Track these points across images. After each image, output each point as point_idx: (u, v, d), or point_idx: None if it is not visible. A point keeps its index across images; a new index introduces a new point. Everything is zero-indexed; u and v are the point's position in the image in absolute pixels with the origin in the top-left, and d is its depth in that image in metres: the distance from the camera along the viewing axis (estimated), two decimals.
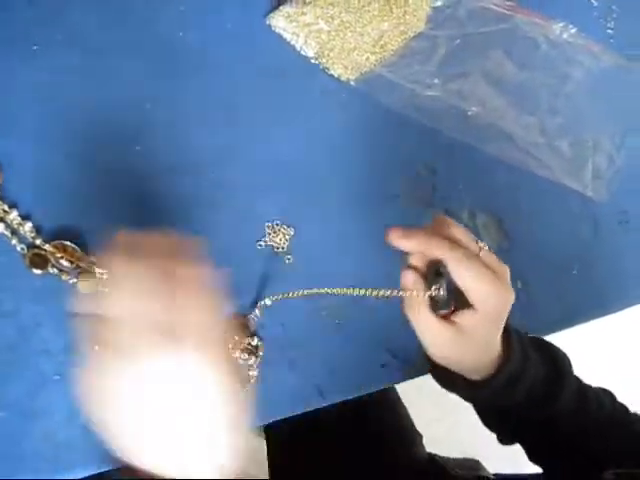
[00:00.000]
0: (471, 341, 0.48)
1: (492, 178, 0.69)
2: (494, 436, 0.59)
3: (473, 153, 0.68)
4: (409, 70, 0.66)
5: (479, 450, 0.77)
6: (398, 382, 0.62)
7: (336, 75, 0.65)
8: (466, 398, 0.55)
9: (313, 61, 0.65)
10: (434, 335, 0.48)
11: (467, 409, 0.59)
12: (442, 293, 0.46)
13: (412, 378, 0.61)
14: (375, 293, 0.48)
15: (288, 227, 0.60)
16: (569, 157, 0.68)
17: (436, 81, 0.66)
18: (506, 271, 0.48)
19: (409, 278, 0.47)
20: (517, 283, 0.66)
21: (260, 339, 0.58)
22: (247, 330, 0.58)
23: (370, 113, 0.66)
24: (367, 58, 0.65)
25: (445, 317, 0.48)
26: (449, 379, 0.54)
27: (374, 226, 0.63)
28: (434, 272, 0.47)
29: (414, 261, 0.48)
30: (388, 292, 0.47)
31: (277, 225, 0.60)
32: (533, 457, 0.60)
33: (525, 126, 0.68)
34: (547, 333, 0.66)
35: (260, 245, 0.60)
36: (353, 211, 0.64)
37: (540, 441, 0.56)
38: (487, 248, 0.47)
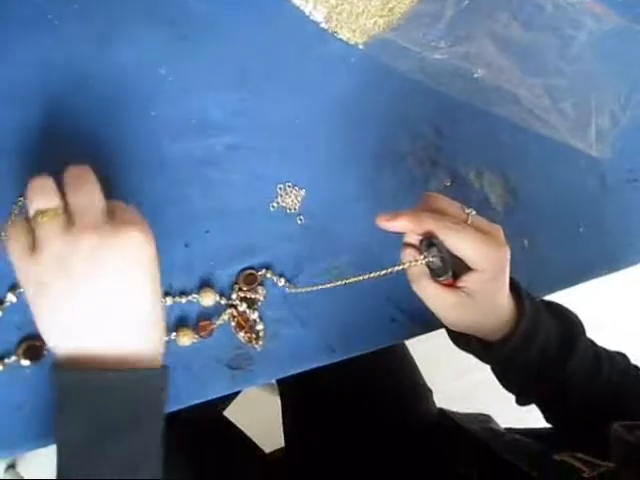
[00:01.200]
0: (478, 302, 0.50)
1: (498, 139, 0.70)
2: (508, 396, 0.60)
3: (479, 115, 0.69)
4: (417, 33, 0.67)
5: (493, 409, 0.78)
6: (408, 337, 0.64)
7: (345, 39, 0.66)
8: (482, 358, 0.57)
9: (322, 26, 0.66)
10: (441, 302, 0.51)
11: (481, 367, 0.60)
12: (435, 260, 0.49)
13: (422, 334, 0.64)
14: (378, 273, 0.51)
15: (299, 189, 0.62)
16: (573, 117, 0.70)
17: (443, 44, 0.67)
18: (498, 230, 0.50)
19: (405, 253, 0.52)
20: (523, 241, 0.68)
21: (262, 291, 0.59)
22: (254, 286, 0.60)
23: (378, 77, 0.67)
24: (375, 22, 0.67)
25: (449, 285, 0.51)
26: (465, 340, 0.56)
27: (382, 186, 0.66)
28: (427, 244, 0.50)
29: (408, 238, 0.52)
30: (389, 270, 0.51)
31: (289, 187, 0.62)
32: (549, 417, 0.61)
33: (530, 87, 0.69)
34: (554, 291, 0.69)
35: (273, 206, 0.61)
36: (362, 172, 0.65)
37: (555, 402, 0.58)
38: (474, 213, 0.50)
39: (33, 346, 0.53)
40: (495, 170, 0.69)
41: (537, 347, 0.54)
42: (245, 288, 0.60)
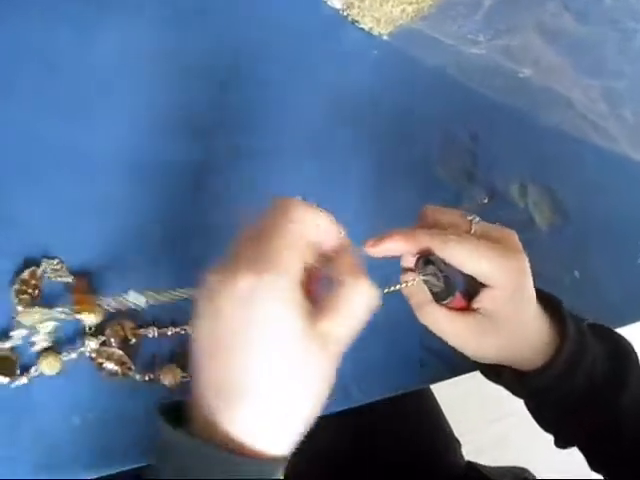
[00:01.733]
0: (500, 325, 0.48)
1: (545, 148, 0.68)
2: (546, 441, 0.57)
3: (523, 119, 0.67)
4: (451, 24, 0.66)
5: (528, 457, 0.76)
6: (435, 381, 0.61)
7: (367, 29, 0.65)
8: (516, 391, 0.55)
9: (341, 13, 0.64)
10: (454, 329, 0.48)
11: (516, 414, 0.57)
12: (431, 279, 0.47)
13: (452, 377, 0.60)
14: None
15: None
16: (633, 125, 0.68)
17: (481, 37, 0.66)
18: (510, 235, 0.48)
19: (403, 279, 0.49)
20: (574, 272, 0.65)
21: None
22: None
23: (405, 73, 0.65)
24: (403, 10, 0.65)
25: (463, 309, 0.48)
26: (495, 372, 0.53)
27: (405, 202, 0.62)
28: (423, 262, 0.47)
29: (405, 262, 0.49)
30: (387, 289, 0.48)
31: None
32: (595, 463, 0.58)
33: (585, 89, 0.67)
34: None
35: None
36: (384, 184, 0.62)
37: (603, 442, 0.55)
38: (478, 220, 0.48)
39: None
40: (541, 185, 0.67)
41: (582, 375, 0.51)
42: None
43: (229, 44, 0.61)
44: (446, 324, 0.48)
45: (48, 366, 0.51)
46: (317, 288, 0.40)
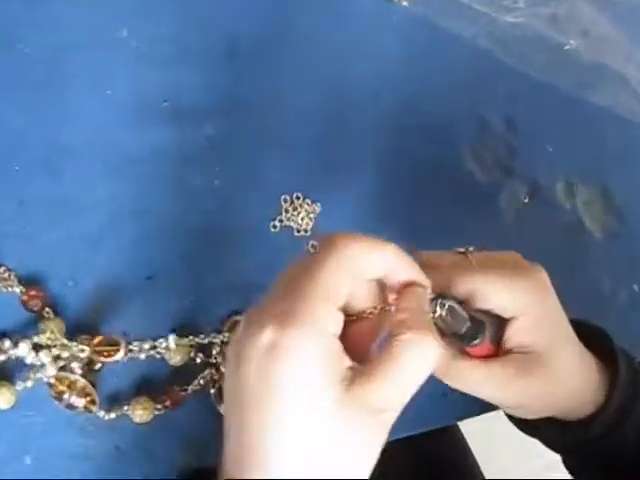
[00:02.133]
0: (540, 361, 0.46)
1: (597, 136, 0.66)
2: None
3: (570, 102, 0.65)
4: None
5: None
6: (463, 418, 0.60)
7: None
8: (554, 445, 0.53)
9: None
10: (489, 382, 0.46)
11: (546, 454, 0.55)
12: (448, 318, 0.44)
13: (480, 413, 0.58)
14: None
15: (312, 202, 0.57)
16: None
17: (520, 3, 0.63)
18: (512, 255, 0.47)
19: None
20: (632, 285, 0.63)
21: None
22: None
23: (428, 44, 0.62)
24: None
25: (490, 356, 0.47)
26: (533, 422, 0.51)
27: (430, 202, 0.61)
28: (437, 302, 0.45)
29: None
30: None
31: (298, 199, 0.56)
32: None
33: None
34: None
35: (274, 226, 0.56)
36: (401, 181, 0.60)
37: None
38: (472, 249, 0.47)
39: None
40: (592, 181, 0.65)
41: (632, 426, 0.49)
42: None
43: (231, 13, 0.57)
44: (479, 377, 0.46)
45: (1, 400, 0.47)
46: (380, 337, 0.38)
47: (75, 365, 0.48)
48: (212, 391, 0.52)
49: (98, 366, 0.49)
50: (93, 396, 0.48)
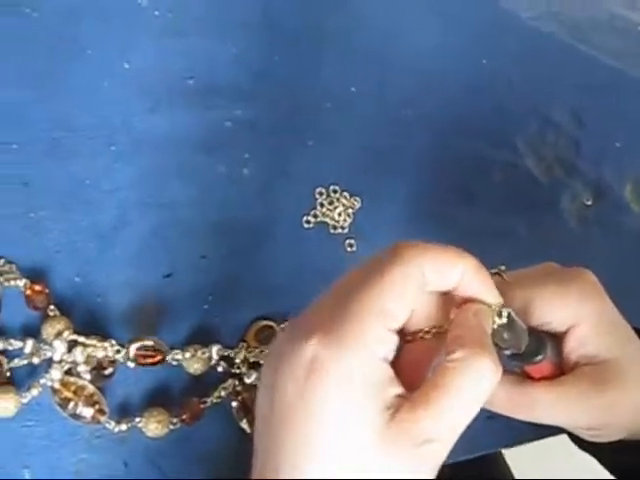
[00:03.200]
0: (605, 376, 0.43)
1: None
2: None
3: None
4: None
5: None
6: (511, 445, 0.58)
7: None
8: (615, 468, 0.50)
9: None
10: (563, 405, 0.43)
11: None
12: (509, 336, 0.41)
13: (532, 440, 0.55)
14: None
15: (351, 196, 0.54)
16: None
17: None
18: (551, 266, 0.45)
19: None
20: None
21: None
22: None
23: (486, 27, 0.59)
24: None
25: (554, 376, 0.44)
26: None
27: (482, 200, 0.58)
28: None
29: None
30: None
31: (335, 192, 0.54)
32: None
33: None
34: None
35: (308, 222, 0.54)
36: (450, 175, 0.57)
37: None
38: (504, 268, 0.44)
39: None
40: None
41: None
42: (257, 349, 0.51)
43: None
44: (551, 401, 0.43)
45: (1, 408, 0.44)
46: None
47: (83, 369, 0.45)
48: (234, 404, 0.50)
49: (109, 371, 0.46)
50: (102, 405, 0.45)
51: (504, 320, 0.38)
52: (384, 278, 0.32)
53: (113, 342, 0.46)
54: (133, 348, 0.46)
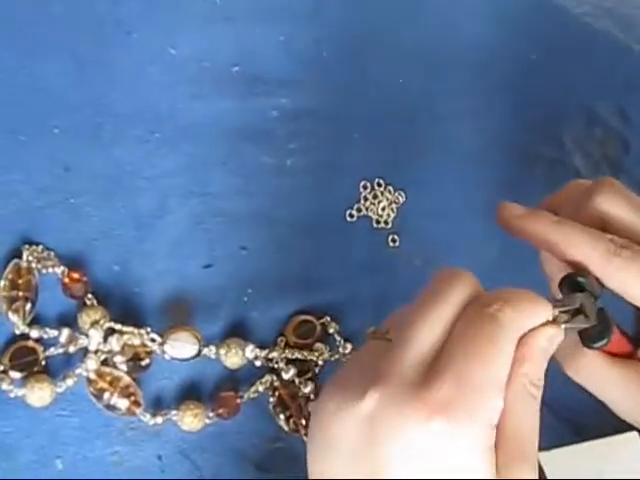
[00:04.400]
0: None
1: None
2: None
3: None
4: None
5: None
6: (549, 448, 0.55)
7: None
8: None
9: None
10: (626, 384, 0.40)
11: None
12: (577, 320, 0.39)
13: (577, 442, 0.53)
14: None
15: (396, 190, 0.54)
16: None
17: None
18: None
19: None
20: None
21: (323, 351, 0.51)
22: (310, 342, 0.51)
23: (532, 20, 0.58)
24: None
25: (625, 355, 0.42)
26: None
27: (522, 199, 0.55)
28: (568, 285, 0.40)
29: (548, 265, 0.42)
30: None
31: (379, 186, 0.54)
32: None
33: None
34: None
35: (351, 215, 0.53)
36: (493, 172, 0.56)
37: None
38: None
39: None
40: None
41: None
42: (296, 343, 0.51)
43: None
44: (614, 378, 0.40)
45: (36, 397, 0.43)
46: None
47: (119, 359, 0.44)
48: (271, 400, 0.49)
49: (145, 362, 0.45)
50: (137, 397, 0.45)
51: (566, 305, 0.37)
52: (495, 349, 0.31)
53: (149, 330, 0.45)
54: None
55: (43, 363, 0.44)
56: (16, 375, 0.43)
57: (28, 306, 0.44)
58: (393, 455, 0.30)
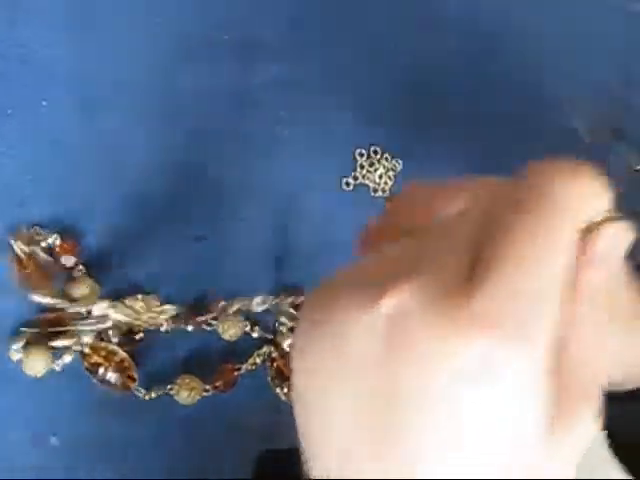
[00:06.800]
0: None
1: None
2: None
3: None
4: None
5: None
6: None
7: None
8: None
9: None
10: None
11: None
12: None
13: None
14: None
15: (392, 158, 0.53)
16: None
17: None
18: None
19: None
20: None
21: None
22: None
23: None
24: None
25: None
26: None
27: (522, 164, 0.53)
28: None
29: None
30: None
31: (375, 153, 0.52)
32: None
33: None
34: None
35: (347, 184, 0.52)
36: (493, 138, 0.54)
37: None
38: None
39: None
40: None
41: None
42: (295, 313, 0.51)
43: None
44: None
45: (30, 366, 0.43)
46: None
47: (113, 333, 0.44)
48: (269, 371, 0.49)
49: (139, 336, 0.45)
50: (132, 372, 0.45)
51: None
52: (552, 241, 0.24)
53: (141, 297, 0.45)
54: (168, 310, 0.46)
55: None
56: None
57: (47, 281, 0.44)
58: (416, 388, 0.23)
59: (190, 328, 0.47)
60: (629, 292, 0.26)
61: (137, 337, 0.45)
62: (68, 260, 0.43)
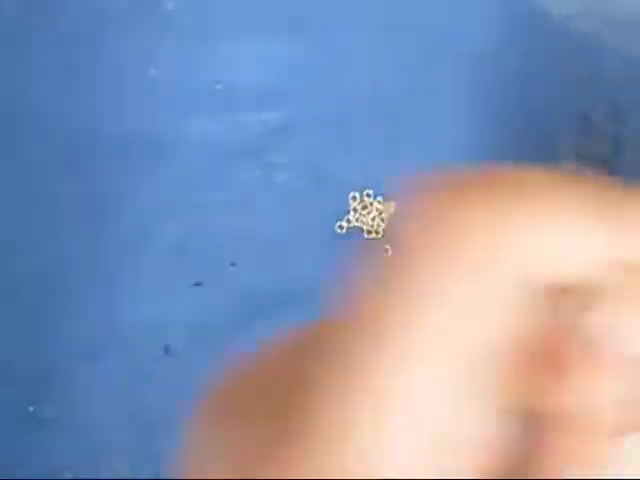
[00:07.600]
0: None
1: None
2: None
3: None
4: None
5: None
6: None
7: None
8: None
9: None
10: None
11: None
12: None
13: None
14: None
15: (386, 200, 0.53)
16: None
17: None
18: None
19: None
20: None
21: None
22: None
23: (515, 21, 0.56)
24: None
25: None
26: None
27: None
28: None
29: None
30: None
31: (368, 197, 0.53)
32: None
33: None
34: None
35: (341, 227, 0.53)
36: None
37: None
38: None
39: None
40: None
41: None
42: None
43: None
44: None
45: None
46: None
47: None
48: None
49: None
50: None
51: None
52: None
53: None
54: None
55: None
56: None
57: None
58: None
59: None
60: None
61: None
62: None
